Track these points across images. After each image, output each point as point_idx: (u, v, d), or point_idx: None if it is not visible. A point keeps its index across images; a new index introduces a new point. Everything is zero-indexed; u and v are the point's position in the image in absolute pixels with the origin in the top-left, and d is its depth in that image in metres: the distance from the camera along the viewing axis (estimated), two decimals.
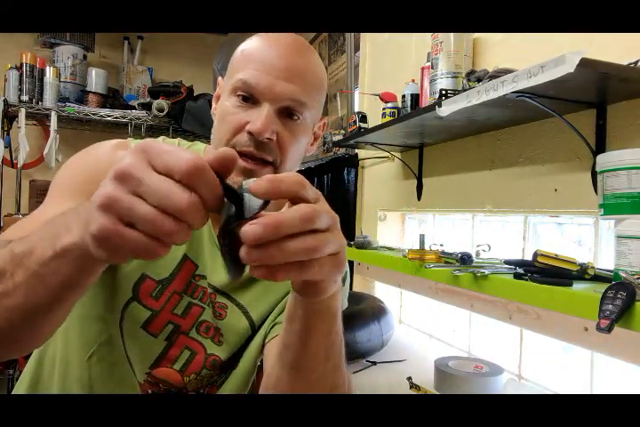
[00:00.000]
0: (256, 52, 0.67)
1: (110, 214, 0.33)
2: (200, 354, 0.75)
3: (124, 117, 2.85)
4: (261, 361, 0.77)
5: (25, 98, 2.64)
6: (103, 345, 0.72)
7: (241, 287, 0.76)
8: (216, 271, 0.74)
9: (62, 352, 0.75)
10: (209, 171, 0.34)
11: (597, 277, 0.89)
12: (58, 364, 0.75)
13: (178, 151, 0.34)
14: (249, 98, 0.66)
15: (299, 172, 0.75)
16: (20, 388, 0.78)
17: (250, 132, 0.64)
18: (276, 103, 0.65)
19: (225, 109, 0.68)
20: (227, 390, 0.79)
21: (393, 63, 2.00)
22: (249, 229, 0.34)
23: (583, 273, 0.89)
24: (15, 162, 2.67)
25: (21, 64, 2.64)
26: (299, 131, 0.69)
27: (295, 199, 0.38)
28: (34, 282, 0.43)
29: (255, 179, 0.37)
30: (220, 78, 0.75)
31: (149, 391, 0.75)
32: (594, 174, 1.02)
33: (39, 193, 2.89)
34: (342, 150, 2.36)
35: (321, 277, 0.41)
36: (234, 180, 0.64)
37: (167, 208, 0.33)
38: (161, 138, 0.77)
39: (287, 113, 0.67)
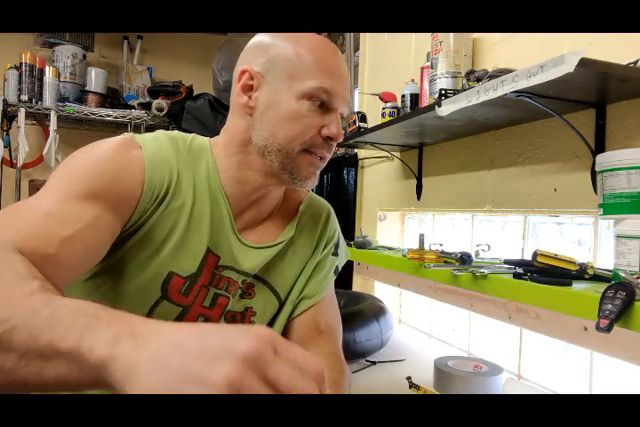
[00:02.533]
0: (323, 58, 0.72)
1: (234, 390, 0.32)
2: None
3: (123, 117, 2.85)
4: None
5: (24, 97, 2.64)
6: None
7: (266, 267, 0.81)
8: (239, 258, 0.77)
9: None
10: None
11: (597, 277, 0.89)
12: None
13: (303, 352, 0.35)
14: (323, 106, 0.72)
15: None
16: None
17: (329, 137, 0.72)
18: (341, 110, 0.74)
19: (298, 112, 0.71)
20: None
21: (392, 63, 2.00)
22: None
23: (582, 273, 0.89)
24: (15, 162, 2.67)
25: (21, 64, 2.64)
26: None
27: None
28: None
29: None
30: (249, 68, 0.73)
31: None
32: (593, 174, 1.02)
33: None
34: (342, 150, 2.36)
35: None
36: (306, 175, 0.73)
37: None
38: (160, 132, 0.76)
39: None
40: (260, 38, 0.75)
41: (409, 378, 1.27)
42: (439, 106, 1.11)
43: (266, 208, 0.81)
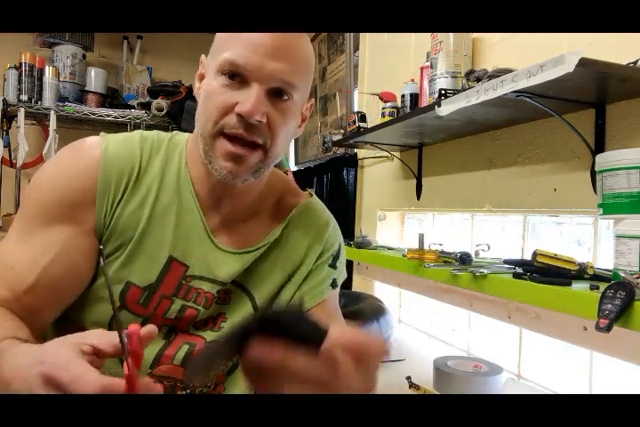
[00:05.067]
0: (248, 33, 0.63)
1: None
2: (199, 345, 0.73)
3: (123, 117, 2.85)
4: None
5: (24, 97, 2.64)
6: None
7: (244, 272, 0.74)
8: (213, 266, 0.72)
9: None
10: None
11: (596, 277, 0.89)
12: None
13: (77, 379, 0.40)
14: (236, 76, 0.63)
15: (298, 172, 0.76)
16: None
17: (239, 114, 0.62)
18: (266, 84, 0.63)
19: (211, 89, 0.64)
20: (238, 378, 0.77)
21: (392, 63, 2.00)
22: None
23: (582, 273, 0.89)
24: (14, 161, 2.67)
25: (20, 64, 2.64)
26: (289, 112, 0.66)
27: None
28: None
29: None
30: (202, 56, 0.72)
31: None
32: (593, 174, 1.02)
33: None
34: (342, 150, 2.36)
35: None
36: (221, 164, 0.64)
37: None
38: (137, 131, 0.75)
39: (276, 93, 0.65)
40: None
41: (409, 378, 1.27)
42: (439, 106, 1.11)
43: (241, 205, 0.74)
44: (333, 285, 0.82)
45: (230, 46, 0.63)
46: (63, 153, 0.70)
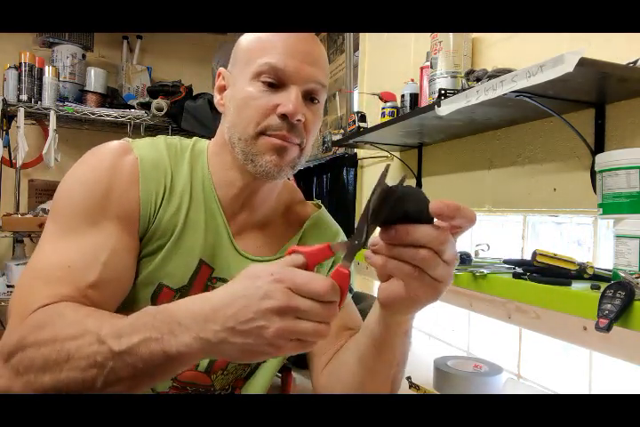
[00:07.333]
0: (275, 38, 0.68)
1: (282, 341, 0.45)
2: None
3: (123, 117, 2.85)
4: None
5: (24, 97, 2.63)
6: None
7: None
8: (234, 271, 0.73)
9: None
10: (336, 287, 0.46)
11: (596, 277, 0.89)
12: None
13: (310, 279, 0.45)
14: (274, 84, 0.67)
15: (298, 172, 0.77)
16: None
17: (283, 115, 0.66)
18: (303, 86, 0.68)
19: (248, 95, 0.68)
20: (254, 383, 0.79)
21: (392, 63, 2.00)
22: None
23: (582, 273, 0.89)
24: (14, 161, 2.67)
25: (20, 63, 2.63)
26: (318, 114, 0.72)
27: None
28: (140, 375, 0.49)
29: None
30: (222, 69, 0.75)
31: None
32: (593, 174, 1.02)
33: (38, 192, 2.88)
34: (341, 150, 2.36)
35: (420, 293, 0.53)
36: (267, 159, 0.68)
37: (322, 321, 0.45)
38: (161, 136, 0.76)
39: (309, 97, 0.70)
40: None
41: (409, 378, 1.27)
42: (439, 106, 1.11)
43: (259, 209, 0.77)
44: (350, 290, 0.85)
45: (265, 53, 0.67)
46: (96, 155, 0.69)
